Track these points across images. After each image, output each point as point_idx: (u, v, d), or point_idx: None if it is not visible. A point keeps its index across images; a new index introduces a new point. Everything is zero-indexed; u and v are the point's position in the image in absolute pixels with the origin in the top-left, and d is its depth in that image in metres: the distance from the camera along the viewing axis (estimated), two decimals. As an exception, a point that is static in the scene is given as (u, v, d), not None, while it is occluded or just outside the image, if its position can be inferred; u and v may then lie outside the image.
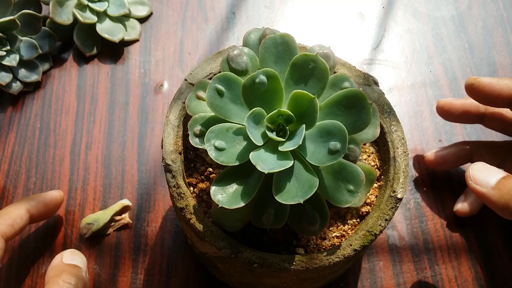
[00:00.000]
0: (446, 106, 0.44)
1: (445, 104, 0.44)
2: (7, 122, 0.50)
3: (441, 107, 0.44)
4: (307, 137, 0.28)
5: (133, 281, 0.42)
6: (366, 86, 0.36)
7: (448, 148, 0.45)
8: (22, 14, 0.49)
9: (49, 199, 0.42)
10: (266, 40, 0.31)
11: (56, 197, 0.43)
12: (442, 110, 0.44)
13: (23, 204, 0.40)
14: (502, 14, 0.57)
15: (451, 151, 0.45)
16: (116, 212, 0.44)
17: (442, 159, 0.45)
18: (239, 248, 0.30)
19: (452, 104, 0.44)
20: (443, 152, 0.45)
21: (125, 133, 0.49)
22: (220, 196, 0.28)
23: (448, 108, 0.44)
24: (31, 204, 0.40)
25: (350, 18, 0.57)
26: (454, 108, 0.43)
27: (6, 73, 0.49)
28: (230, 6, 0.57)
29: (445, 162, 0.45)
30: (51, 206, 0.42)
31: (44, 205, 0.41)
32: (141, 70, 0.53)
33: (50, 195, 0.42)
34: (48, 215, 0.42)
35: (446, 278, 0.42)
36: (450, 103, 0.44)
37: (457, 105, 0.43)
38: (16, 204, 0.40)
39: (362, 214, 0.34)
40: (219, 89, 0.29)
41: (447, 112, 0.44)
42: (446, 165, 0.45)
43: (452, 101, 0.44)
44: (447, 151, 0.45)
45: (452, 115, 0.44)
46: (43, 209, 0.41)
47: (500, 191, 0.33)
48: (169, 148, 0.33)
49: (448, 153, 0.45)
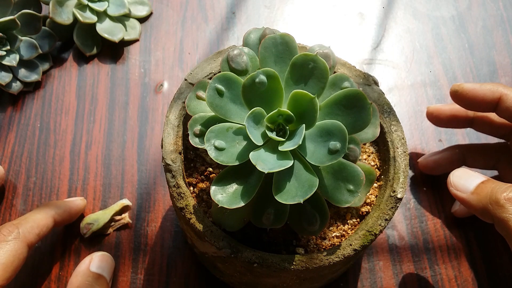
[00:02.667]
0: (436, 112, 0.45)
1: (434, 110, 0.45)
2: (7, 122, 0.50)
3: (431, 113, 0.45)
4: (307, 137, 0.28)
5: (133, 281, 0.42)
6: (366, 86, 0.36)
7: (441, 153, 0.45)
8: (22, 14, 0.49)
9: (74, 208, 0.42)
10: (266, 40, 0.31)
11: (80, 206, 0.43)
12: (431, 116, 0.45)
13: (50, 212, 0.39)
14: (502, 14, 0.57)
15: (444, 155, 0.45)
16: (116, 212, 0.44)
17: (436, 163, 0.45)
18: (239, 248, 0.30)
19: (441, 110, 0.44)
20: (436, 157, 0.45)
21: (125, 133, 0.49)
22: (220, 196, 0.28)
23: (437, 114, 0.45)
24: (57, 213, 0.40)
25: (350, 18, 0.57)
26: (443, 114, 0.44)
27: (6, 73, 0.49)
28: (230, 6, 0.57)
29: (438, 166, 0.45)
30: (74, 215, 0.42)
31: (69, 214, 0.42)
32: (141, 70, 0.53)
33: (76, 205, 0.43)
34: (69, 222, 0.43)
35: (446, 278, 0.42)
36: (439, 109, 0.45)
37: (446, 110, 0.44)
38: (43, 211, 0.39)
39: (362, 214, 0.34)
40: (219, 89, 0.29)
41: (437, 118, 0.45)
42: (439, 169, 0.45)
43: (441, 107, 0.45)
44: (439, 156, 0.45)
45: (442, 120, 0.45)
46: (67, 218, 0.41)
47: (479, 195, 0.34)
48: (169, 148, 0.33)
49: (441, 158, 0.45)
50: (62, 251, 0.43)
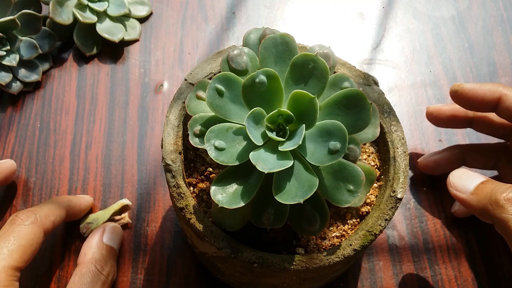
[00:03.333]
0: (435, 112, 0.45)
1: (434, 110, 0.45)
2: (7, 122, 0.50)
3: (430, 113, 0.45)
4: (307, 137, 0.28)
5: (133, 281, 0.42)
6: (366, 86, 0.36)
7: (441, 153, 0.45)
8: (22, 14, 0.49)
9: (84, 204, 0.43)
10: (266, 40, 0.31)
11: (88, 203, 0.44)
12: (431, 116, 0.45)
13: (64, 204, 0.40)
14: (502, 14, 0.57)
15: (443, 155, 0.45)
16: (115, 212, 0.44)
17: (435, 163, 0.45)
18: (239, 248, 0.30)
19: (441, 110, 0.44)
20: (435, 157, 0.45)
21: (125, 133, 0.49)
22: (220, 196, 0.28)
23: (437, 114, 0.45)
24: (70, 206, 0.41)
25: (350, 18, 0.57)
26: (443, 114, 0.44)
27: (6, 73, 0.49)
28: (230, 6, 0.57)
29: (438, 166, 0.45)
30: (82, 211, 0.43)
31: (79, 209, 0.43)
32: (141, 70, 0.53)
33: (85, 201, 0.44)
34: (76, 218, 0.43)
35: (446, 278, 0.42)
36: (439, 109, 0.45)
37: (446, 111, 0.44)
38: (58, 202, 0.40)
39: (362, 214, 0.34)
40: (219, 89, 0.29)
41: (437, 118, 0.45)
42: (439, 169, 0.45)
43: (441, 107, 0.45)
44: (439, 156, 0.45)
45: (441, 121, 0.45)
46: (77, 212, 0.42)
47: (478, 195, 0.34)
48: (169, 148, 0.33)
49: (441, 158, 0.45)
50: (62, 251, 0.43)
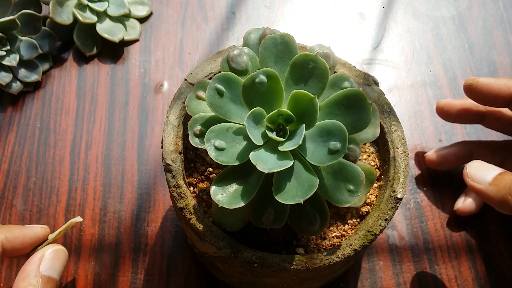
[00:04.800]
0: (446, 106, 0.44)
1: (444, 105, 0.44)
2: (7, 122, 0.50)
3: (441, 108, 0.44)
4: (307, 137, 0.28)
5: (133, 281, 0.42)
6: (366, 86, 0.36)
7: (448, 148, 0.45)
8: (22, 14, 0.49)
9: (29, 236, 0.36)
10: (266, 40, 0.31)
11: (38, 235, 0.36)
12: (441, 110, 0.44)
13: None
14: (502, 14, 0.57)
15: (451, 150, 0.45)
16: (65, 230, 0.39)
17: (443, 158, 0.45)
18: (239, 248, 0.30)
19: (451, 105, 0.44)
20: (443, 151, 0.45)
21: (125, 133, 0.49)
22: (220, 196, 0.28)
23: (448, 109, 0.44)
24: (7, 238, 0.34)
25: (350, 18, 0.57)
26: (454, 109, 0.43)
27: (6, 73, 0.49)
28: (230, 6, 0.57)
29: (446, 161, 0.45)
30: (27, 244, 0.36)
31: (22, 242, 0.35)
32: (141, 70, 0.53)
33: (33, 232, 0.36)
34: (21, 253, 0.36)
35: (446, 278, 0.42)
36: (449, 103, 0.44)
37: (457, 105, 0.43)
38: None
39: (362, 214, 0.34)
40: (219, 89, 0.29)
41: (447, 113, 0.44)
42: (446, 164, 0.45)
43: (452, 101, 0.44)
44: (447, 151, 0.45)
45: (452, 115, 0.44)
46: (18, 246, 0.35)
47: (497, 186, 0.33)
48: (169, 148, 0.33)
49: (448, 153, 0.45)
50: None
